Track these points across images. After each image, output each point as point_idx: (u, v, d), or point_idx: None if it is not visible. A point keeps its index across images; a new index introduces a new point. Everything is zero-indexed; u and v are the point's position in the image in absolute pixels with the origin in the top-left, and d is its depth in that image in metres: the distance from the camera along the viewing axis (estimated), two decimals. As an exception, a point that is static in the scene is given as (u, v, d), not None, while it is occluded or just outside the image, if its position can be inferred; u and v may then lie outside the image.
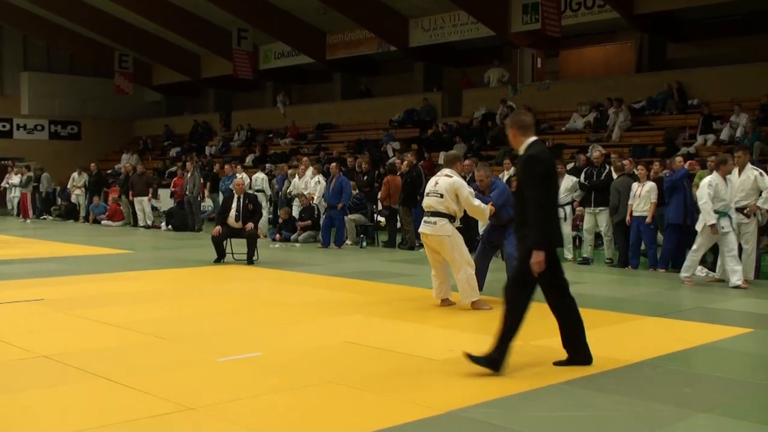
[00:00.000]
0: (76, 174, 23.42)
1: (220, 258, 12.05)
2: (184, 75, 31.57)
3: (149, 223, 19.97)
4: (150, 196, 20.32)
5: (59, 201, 25.22)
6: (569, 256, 12.62)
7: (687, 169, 11.57)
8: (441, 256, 8.01)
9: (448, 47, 25.20)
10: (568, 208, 12.52)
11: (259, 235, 13.44)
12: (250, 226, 12.02)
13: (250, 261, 11.94)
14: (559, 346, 6.37)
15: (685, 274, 10.11)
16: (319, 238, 15.26)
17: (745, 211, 10.03)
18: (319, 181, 16.08)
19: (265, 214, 16.62)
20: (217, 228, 11.98)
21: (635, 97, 20.52)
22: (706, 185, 9.81)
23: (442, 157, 8.34)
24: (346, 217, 15.15)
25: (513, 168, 14.61)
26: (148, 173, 22.86)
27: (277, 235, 16.00)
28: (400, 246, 14.66)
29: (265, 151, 27.10)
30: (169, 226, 19.13)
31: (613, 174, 12.19)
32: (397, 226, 15.11)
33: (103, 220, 21.27)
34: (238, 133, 30.08)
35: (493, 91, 23.70)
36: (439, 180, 7.95)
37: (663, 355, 5.99)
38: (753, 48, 19.46)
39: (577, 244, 13.41)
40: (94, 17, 28.53)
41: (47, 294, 8.76)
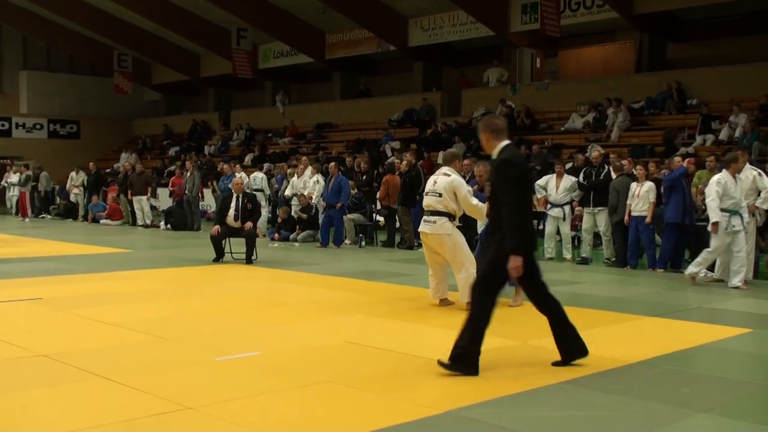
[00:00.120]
0: (74, 173, 23.42)
1: (219, 257, 12.05)
2: (183, 74, 31.57)
3: (148, 222, 19.96)
4: (149, 195, 20.32)
5: (58, 200, 25.21)
6: (568, 256, 12.63)
7: (686, 167, 11.57)
8: (440, 257, 7.99)
9: (448, 47, 25.21)
10: (567, 208, 12.53)
11: (258, 234, 13.43)
12: (248, 225, 12.01)
13: (248, 260, 11.94)
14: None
15: (693, 269, 9.96)
16: (317, 237, 15.26)
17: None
18: (318, 180, 16.08)
19: (264, 213, 16.61)
20: (216, 227, 11.98)
21: (634, 97, 20.53)
22: (715, 183, 9.69)
23: (441, 156, 8.34)
24: (345, 216, 15.15)
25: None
26: (147, 172, 22.84)
27: (276, 235, 16.00)
28: (399, 246, 14.66)
29: (264, 150, 27.09)
30: (168, 226, 19.13)
31: (612, 174, 12.19)
32: (396, 225, 15.11)
33: (102, 219, 21.27)
34: (237, 133, 30.07)
35: (493, 90, 23.70)
36: (438, 179, 7.94)
37: (662, 355, 5.99)
38: (752, 48, 19.47)
39: (575, 244, 13.41)
40: (94, 17, 28.54)
41: (46, 293, 8.75)
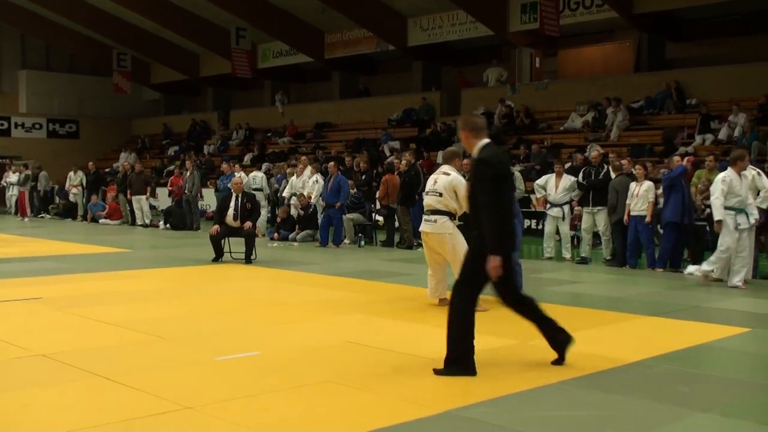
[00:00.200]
0: (72, 173, 23.40)
1: (219, 257, 12.05)
2: (182, 74, 31.55)
3: (147, 221, 19.96)
4: (148, 194, 20.32)
5: (57, 200, 25.21)
6: (567, 255, 12.63)
7: (685, 166, 11.56)
8: (440, 256, 7.98)
9: (447, 46, 25.20)
10: (566, 208, 12.54)
11: (258, 234, 13.43)
12: (248, 225, 12.01)
13: (248, 260, 11.94)
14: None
15: (706, 267, 9.89)
16: (317, 237, 15.26)
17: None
18: (317, 180, 16.08)
19: (263, 213, 16.61)
20: (215, 227, 11.98)
21: (633, 96, 20.53)
22: (720, 181, 9.63)
23: (441, 155, 8.31)
24: (345, 216, 15.15)
25: (510, 167, 14.61)
26: (146, 172, 22.84)
27: (275, 234, 16.00)
28: (398, 245, 14.66)
29: (264, 150, 27.08)
30: (168, 225, 19.13)
31: (611, 173, 12.19)
32: (395, 225, 15.11)
33: (102, 219, 21.26)
34: (236, 132, 30.06)
35: (492, 90, 23.71)
36: (438, 178, 7.93)
37: (661, 354, 6.00)
38: (752, 48, 19.48)
39: (575, 243, 13.42)
40: (93, 16, 28.53)
41: (45, 292, 8.75)
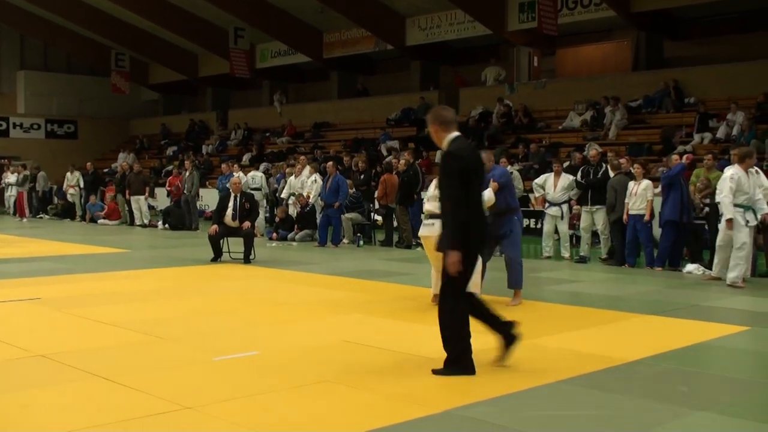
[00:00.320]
0: (69, 173, 23.38)
1: (217, 257, 12.04)
2: (180, 74, 31.55)
3: (146, 222, 19.96)
4: (147, 195, 20.30)
5: (56, 200, 25.19)
6: (566, 254, 12.64)
7: (684, 164, 11.55)
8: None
9: (445, 46, 25.21)
10: (565, 207, 12.54)
11: (257, 234, 13.42)
12: (246, 225, 12.00)
13: (246, 260, 11.93)
14: (557, 344, 6.40)
15: (733, 275, 9.47)
16: (315, 237, 15.26)
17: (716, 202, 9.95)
18: (315, 180, 16.08)
19: (261, 212, 16.60)
20: (214, 227, 11.97)
21: (632, 95, 20.54)
22: (728, 178, 9.42)
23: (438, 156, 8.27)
24: (343, 215, 15.15)
25: (510, 166, 14.63)
26: (144, 172, 22.83)
27: (274, 234, 16.00)
28: (397, 245, 14.66)
29: (262, 150, 27.08)
30: (166, 225, 19.13)
31: (610, 172, 12.20)
32: (394, 224, 15.11)
33: (100, 219, 21.25)
34: (234, 132, 30.06)
35: (490, 89, 23.71)
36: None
37: (660, 353, 6.00)
38: (750, 46, 19.49)
39: (574, 242, 13.43)
40: (91, 16, 28.52)
41: (44, 293, 8.74)
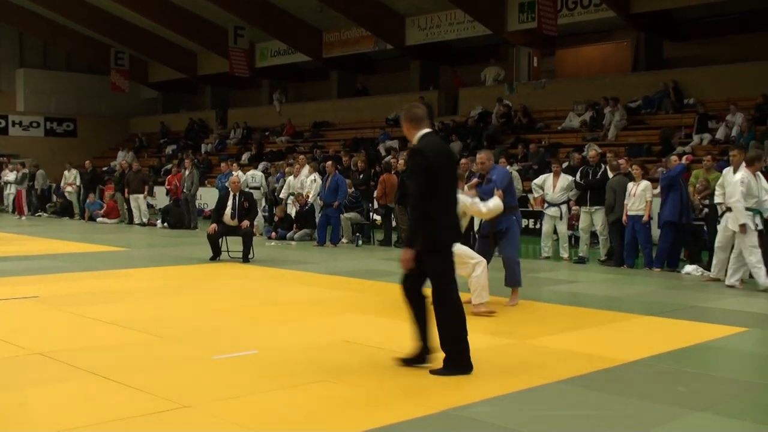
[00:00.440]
0: (66, 171, 23.36)
1: (216, 256, 12.03)
2: (180, 72, 31.56)
3: (145, 220, 19.94)
4: (146, 193, 20.29)
5: (54, 198, 25.17)
6: (565, 255, 12.64)
7: (684, 164, 11.55)
8: None
9: (445, 46, 25.21)
10: (564, 207, 12.54)
11: (256, 233, 13.41)
12: (245, 223, 12.00)
13: (245, 259, 11.93)
14: (555, 345, 6.40)
15: (765, 281, 9.27)
16: (314, 236, 15.25)
17: (725, 206, 9.89)
18: (315, 179, 16.07)
19: (259, 212, 16.57)
20: (213, 226, 11.97)
21: (631, 96, 20.55)
22: (738, 182, 9.32)
23: None
24: (342, 215, 15.15)
25: (509, 166, 14.62)
26: (143, 171, 22.81)
27: (273, 233, 16.00)
28: (395, 244, 14.66)
29: (261, 149, 27.08)
30: (165, 224, 19.12)
31: (609, 173, 12.20)
32: (393, 224, 15.10)
33: (99, 218, 21.24)
34: (234, 131, 30.06)
35: (490, 89, 23.72)
36: None
37: (658, 354, 6.00)
38: (749, 47, 19.51)
39: (572, 243, 13.43)
40: (91, 15, 28.52)
41: (42, 291, 8.74)
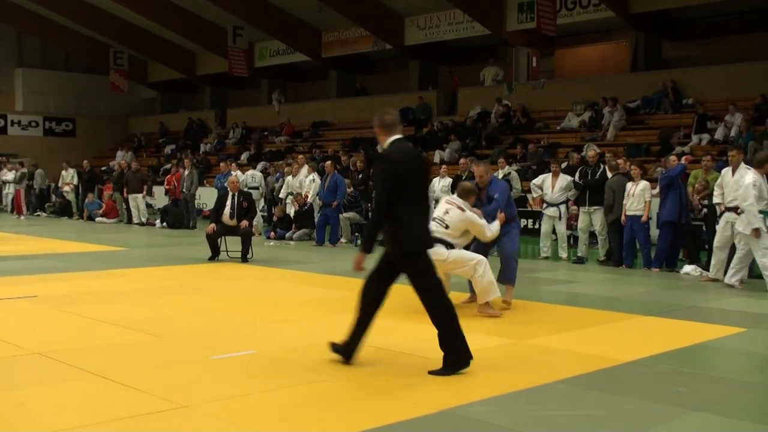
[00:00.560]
0: (64, 171, 23.33)
1: (215, 255, 12.03)
2: (179, 72, 31.55)
3: (144, 220, 19.94)
4: (145, 193, 20.29)
5: (53, 198, 25.15)
6: (564, 255, 12.63)
7: (684, 164, 11.54)
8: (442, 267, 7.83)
9: (444, 46, 25.21)
10: (563, 207, 12.54)
11: (254, 233, 13.40)
12: (244, 223, 11.99)
13: (244, 259, 11.92)
14: (554, 345, 6.40)
15: (739, 276, 9.47)
16: (313, 236, 15.25)
17: (738, 210, 9.93)
18: (313, 179, 16.07)
19: (258, 211, 16.55)
20: (212, 225, 11.96)
21: (630, 96, 20.56)
22: (751, 185, 9.28)
23: (458, 189, 8.11)
24: (341, 215, 15.14)
25: (507, 166, 14.63)
26: (142, 170, 22.80)
27: (272, 233, 15.99)
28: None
29: (261, 149, 27.08)
30: (164, 224, 19.12)
31: (608, 173, 12.20)
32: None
33: (98, 217, 21.23)
34: (233, 131, 30.05)
35: (488, 89, 23.73)
36: (451, 210, 7.59)
37: (657, 354, 6.00)
38: (748, 47, 19.52)
39: (571, 243, 13.43)
40: (90, 14, 28.51)
41: (41, 291, 8.74)
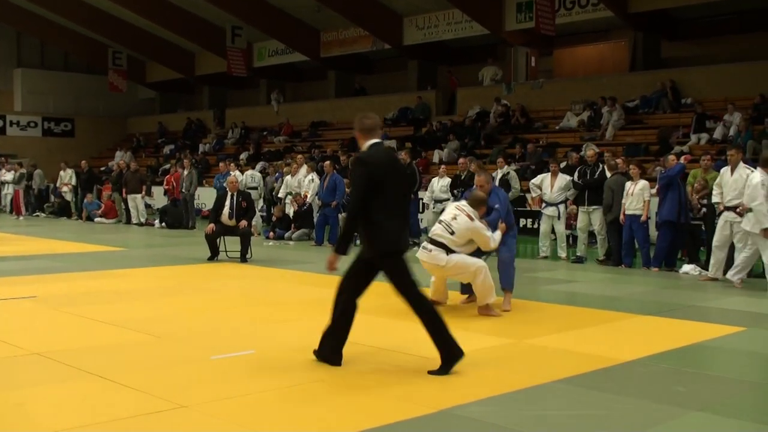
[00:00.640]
0: (62, 171, 23.31)
1: (214, 256, 12.03)
2: (178, 72, 31.53)
3: (143, 220, 19.93)
4: (143, 193, 20.28)
5: (52, 198, 25.14)
6: (563, 254, 12.63)
7: (684, 164, 11.53)
8: (442, 272, 7.82)
9: (442, 45, 25.20)
10: (562, 207, 12.54)
11: (254, 233, 13.39)
12: (243, 223, 11.99)
13: (243, 259, 11.92)
14: (553, 344, 6.40)
15: (743, 274, 9.56)
16: (312, 236, 15.25)
17: (737, 210, 9.95)
18: (312, 179, 16.07)
19: (257, 211, 16.54)
20: (211, 226, 11.95)
21: (629, 95, 20.55)
22: (759, 185, 9.29)
23: (470, 197, 8.07)
24: (340, 215, 15.13)
25: (506, 166, 14.63)
26: (141, 170, 22.79)
27: (271, 233, 15.99)
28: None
29: (259, 149, 27.07)
30: (163, 224, 19.11)
31: (607, 173, 12.20)
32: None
33: (97, 218, 21.22)
34: (232, 131, 30.03)
35: (487, 89, 23.72)
36: (459, 217, 7.52)
37: (656, 353, 6.00)
38: (747, 47, 19.53)
39: (570, 242, 13.43)
40: (89, 14, 28.48)
41: (40, 291, 8.73)
